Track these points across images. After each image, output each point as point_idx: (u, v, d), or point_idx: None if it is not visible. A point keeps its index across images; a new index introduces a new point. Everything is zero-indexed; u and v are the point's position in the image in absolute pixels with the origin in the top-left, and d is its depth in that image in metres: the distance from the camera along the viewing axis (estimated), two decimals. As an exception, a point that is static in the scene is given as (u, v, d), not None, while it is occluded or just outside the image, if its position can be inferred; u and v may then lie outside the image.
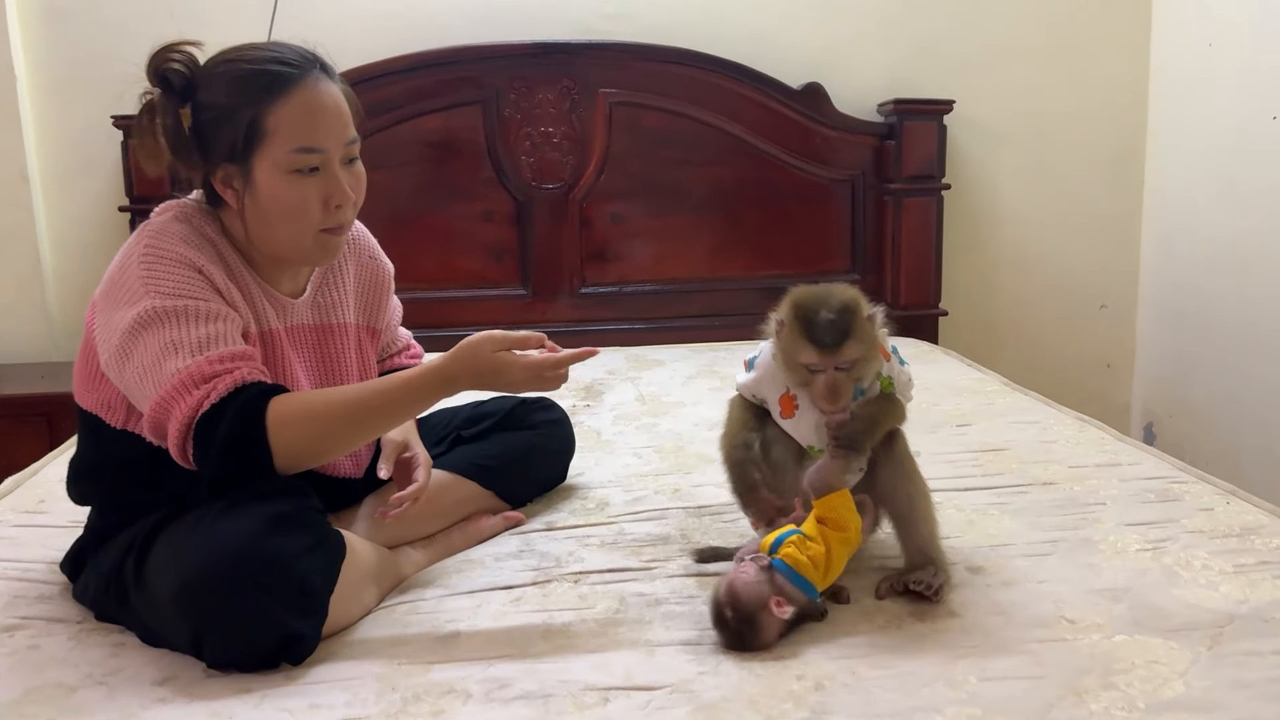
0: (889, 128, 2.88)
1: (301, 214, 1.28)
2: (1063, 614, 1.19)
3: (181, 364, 1.17)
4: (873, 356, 1.23)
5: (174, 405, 1.17)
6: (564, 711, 1.00)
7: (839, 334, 1.19)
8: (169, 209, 1.32)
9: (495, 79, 2.77)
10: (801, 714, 0.99)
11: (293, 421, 1.18)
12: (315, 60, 1.29)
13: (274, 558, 1.10)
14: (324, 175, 1.27)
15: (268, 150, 1.25)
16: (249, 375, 1.20)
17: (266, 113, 1.24)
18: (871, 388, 1.28)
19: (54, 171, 2.75)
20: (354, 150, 1.32)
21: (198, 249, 1.26)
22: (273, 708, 1.02)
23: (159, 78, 1.26)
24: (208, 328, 1.21)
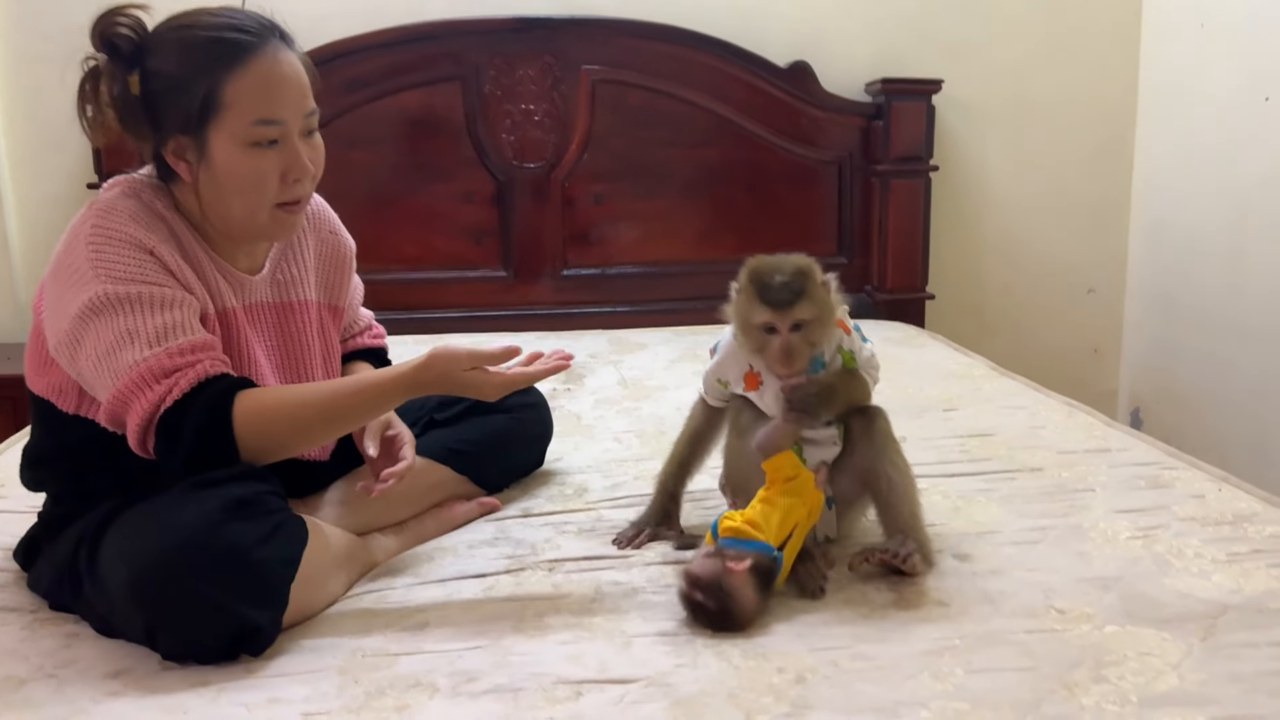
0: (877, 108, 2.83)
1: (258, 188, 1.23)
2: (1052, 604, 1.15)
3: (139, 355, 1.13)
4: (826, 320, 1.24)
5: (134, 399, 1.13)
6: (535, 706, 0.96)
7: (792, 293, 1.21)
8: (118, 184, 1.26)
9: (475, 55, 2.71)
10: (782, 708, 0.95)
11: (260, 419, 1.16)
12: (274, 28, 1.24)
13: (230, 545, 1.05)
14: (283, 148, 1.22)
15: (224, 122, 1.19)
16: (211, 369, 1.16)
17: (224, 83, 1.18)
18: (833, 361, 1.28)
19: (22, 149, 2.68)
20: (313, 122, 1.27)
21: (148, 227, 1.20)
22: (229, 702, 0.98)
23: (105, 43, 1.20)
24: (165, 315, 1.16)
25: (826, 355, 1.27)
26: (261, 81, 1.20)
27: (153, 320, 1.15)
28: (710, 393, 1.37)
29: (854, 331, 1.31)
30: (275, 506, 1.14)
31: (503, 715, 0.94)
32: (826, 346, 1.27)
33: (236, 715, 0.95)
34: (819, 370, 1.27)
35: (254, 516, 1.09)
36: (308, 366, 1.40)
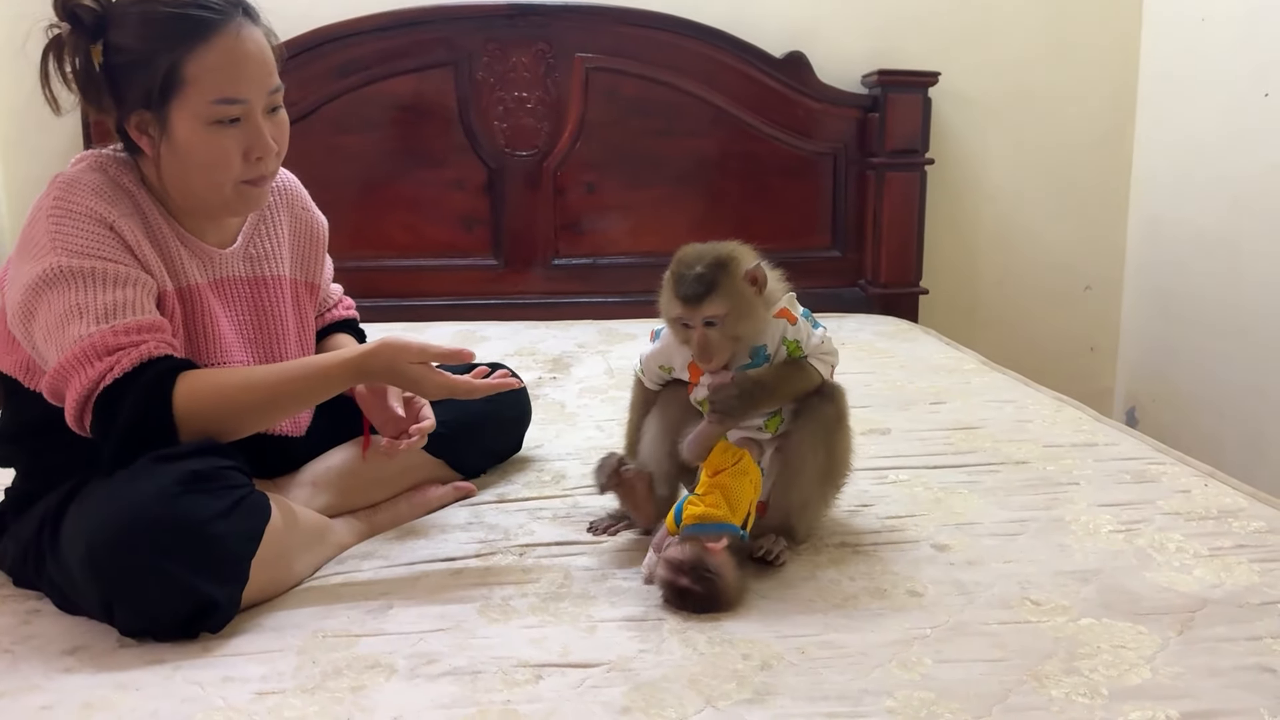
0: (873, 99, 2.80)
1: (221, 166, 1.21)
2: (1028, 595, 1.13)
3: (85, 331, 1.12)
4: (746, 314, 1.19)
5: (73, 374, 1.11)
6: (491, 689, 0.94)
7: (702, 288, 1.18)
8: (85, 159, 1.25)
9: (468, 40, 2.69)
10: (744, 695, 0.93)
11: (202, 401, 1.14)
12: (240, 4, 1.21)
13: (186, 519, 1.03)
14: (245, 126, 1.20)
15: (186, 100, 1.17)
16: (155, 349, 1.14)
17: (185, 60, 1.16)
18: (778, 353, 1.24)
19: (11, 131, 2.66)
20: (277, 99, 1.25)
21: (111, 202, 1.19)
22: (184, 679, 0.96)
23: (67, 12, 1.18)
24: (116, 293, 1.15)
25: (770, 347, 1.24)
26: (224, 59, 1.18)
27: (104, 296, 1.14)
28: (649, 376, 1.34)
29: (802, 319, 1.27)
30: (237, 482, 1.12)
31: (459, 697, 0.92)
32: (769, 338, 1.23)
33: (190, 693, 0.93)
34: (761, 363, 1.24)
35: (213, 491, 1.08)
36: (281, 342, 1.38)
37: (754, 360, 1.24)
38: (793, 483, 1.25)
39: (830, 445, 1.26)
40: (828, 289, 2.86)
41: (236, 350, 1.32)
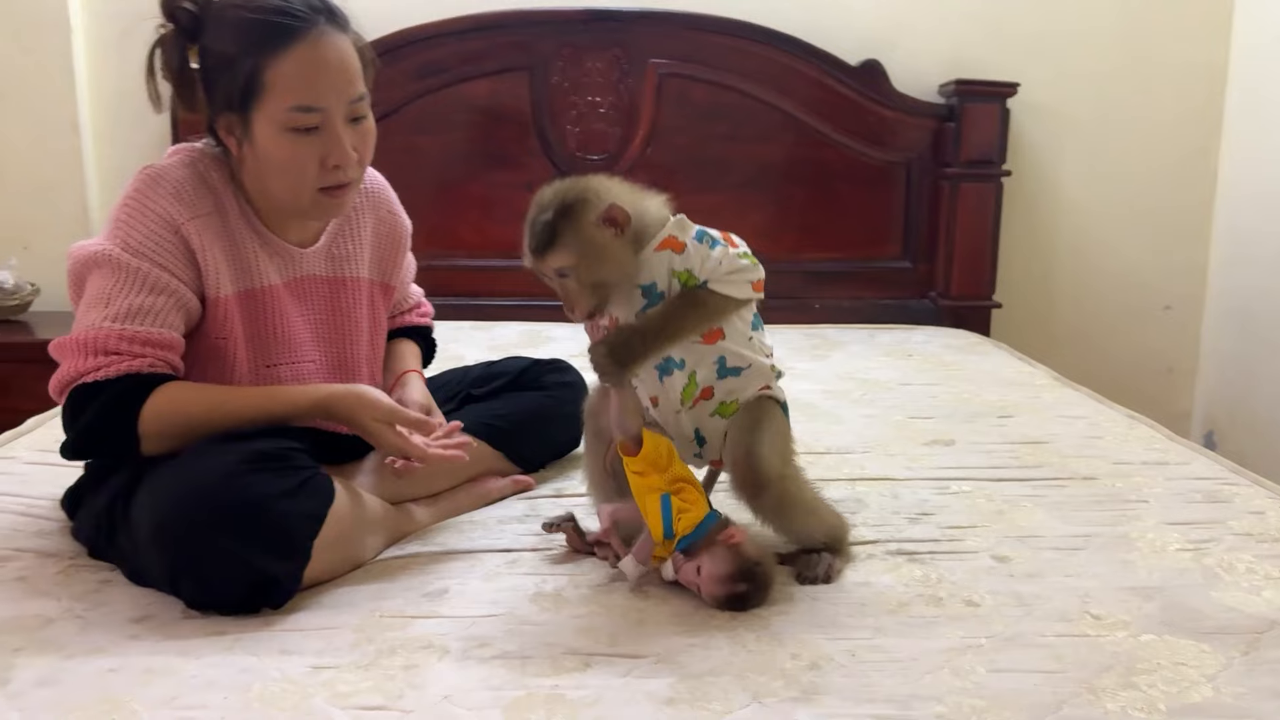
0: (949, 109, 2.77)
1: (297, 172, 1.24)
2: (1088, 609, 1.10)
3: (100, 321, 1.18)
4: (600, 260, 1.11)
5: (70, 356, 1.18)
6: (541, 673, 0.95)
7: (543, 240, 1.12)
8: (178, 151, 1.30)
9: (544, 45, 2.72)
10: (791, 693, 0.93)
11: (164, 420, 1.18)
12: (324, 10, 1.23)
13: (251, 498, 1.06)
14: (323, 134, 1.23)
15: (265, 105, 1.21)
16: (147, 366, 1.18)
17: (266, 66, 1.19)
18: (671, 288, 1.14)
19: (103, 122, 2.77)
20: (360, 108, 1.26)
21: (189, 202, 1.23)
22: (243, 651, 0.99)
23: (169, 13, 1.23)
24: (146, 298, 1.20)
25: (662, 284, 1.14)
26: (302, 66, 1.20)
27: (133, 297, 1.19)
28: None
29: (693, 243, 1.15)
30: (302, 463, 1.15)
31: (508, 680, 0.94)
32: (657, 275, 1.14)
33: (248, 664, 0.96)
34: (659, 298, 1.14)
35: (279, 471, 1.11)
36: (353, 342, 1.42)
37: (647, 298, 1.14)
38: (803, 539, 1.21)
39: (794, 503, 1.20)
40: (896, 300, 2.84)
41: (309, 349, 1.36)
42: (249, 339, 1.31)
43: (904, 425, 1.83)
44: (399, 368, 1.48)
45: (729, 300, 1.15)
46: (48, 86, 2.68)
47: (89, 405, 1.17)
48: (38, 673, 0.94)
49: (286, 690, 0.91)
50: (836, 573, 1.19)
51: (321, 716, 0.87)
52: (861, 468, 1.58)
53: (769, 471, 1.19)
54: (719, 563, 1.10)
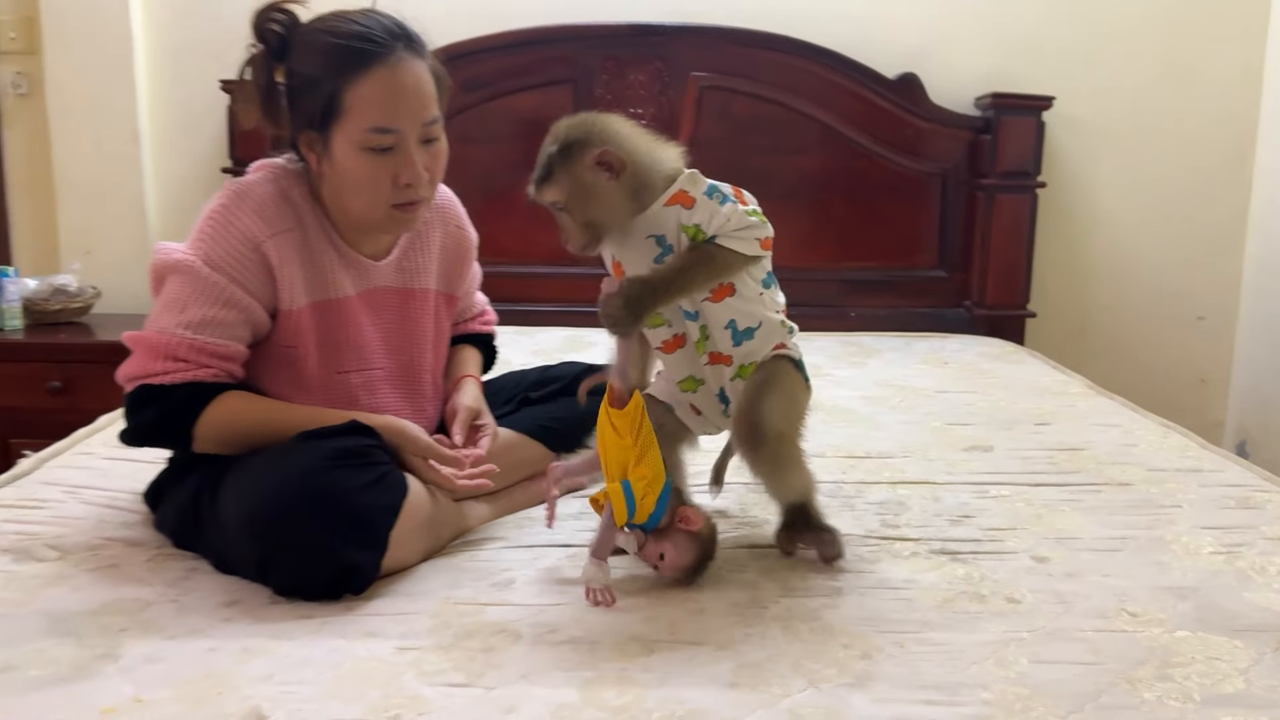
0: (985, 122, 2.82)
1: (372, 189, 1.31)
2: (1125, 607, 1.16)
3: (171, 326, 1.27)
4: (590, 200, 1.16)
5: (140, 353, 1.27)
6: (609, 658, 1.01)
7: (541, 174, 1.17)
8: (263, 168, 1.38)
9: (588, 59, 2.80)
10: (845, 679, 0.98)
11: (217, 428, 1.28)
12: (402, 36, 1.30)
13: (335, 491, 1.14)
14: (398, 154, 1.30)
15: (344, 125, 1.28)
16: (208, 376, 1.28)
17: (345, 89, 1.27)
18: (679, 242, 1.19)
19: (163, 132, 2.87)
20: (433, 131, 1.33)
21: (271, 218, 1.31)
22: (331, 633, 1.06)
23: (259, 34, 1.31)
24: (218, 311, 1.28)
25: (671, 237, 1.18)
26: (379, 90, 1.27)
27: (206, 309, 1.28)
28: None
29: (703, 199, 1.19)
30: (381, 459, 1.23)
31: (579, 662, 1.00)
32: (665, 228, 1.18)
33: (336, 645, 1.03)
34: (670, 249, 1.18)
35: (359, 466, 1.18)
36: (419, 349, 1.50)
37: (661, 248, 1.19)
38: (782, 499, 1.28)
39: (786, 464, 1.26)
40: (931, 309, 2.88)
41: (378, 357, 1.44)
42: (321, 346, 1.38)
43: (942, 431, 1.88)
44: (457, 373, 1.56)
45: (737, 256, 1.19)
46: (110, 98, 2.79)
47: (152, 405, 1.27)
48: (144, 651, 1.02)
49: (376, 668, 0.98)
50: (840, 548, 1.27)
51: (411, 692, 0.94)
52: (902, 471, 1.64)
53: (769, 429, 1.23)
54: (682, 553, 1.19)
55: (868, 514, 1.45)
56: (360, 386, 1.43)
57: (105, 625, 1.08)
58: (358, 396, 1.42)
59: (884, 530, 1.39)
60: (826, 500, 1.49)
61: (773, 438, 1.24)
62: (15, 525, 1.36)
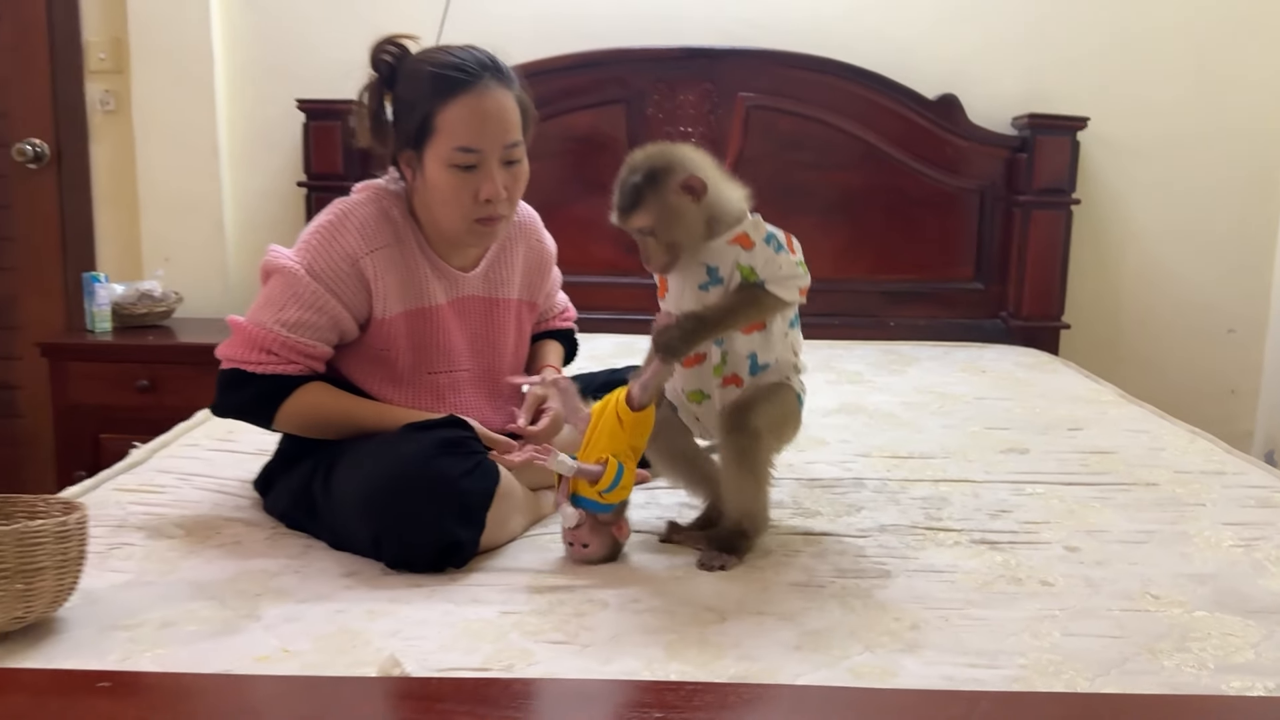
0: (1022, 141, 2.93)
1: (456, 203, 1.47)
2: (1148, 590, 1.28)
3: (268, 321, 1.43)
4: (676, 223, 1.27)
5: (239, 339, 1.44)
6: (687, 623, 1.15)
7: (631, 201, 1.28)
8: (367, 189, 1.54)
9: (641, 80, 2.94)
10: (897, 646, 1.11)
11: (298, 415, 1.46)
12: (491, 68, 1.46)
13: (441, 474, 1.29)
14: (480, 172, 1.45)
15: (435, 144, 1.44)
16: (294, 370, 1.44)
17: (437, 111, 1.43)
18: (731, 277, 1.30)
19: (240, 148, 3.04)
20: (515, 153, 1.47)
21: (371, 236, 1.47)
22: (441, 599, 1.20)
23: (373, 64, 1.47)
24: (310, 315, 1.44)
25: (724, 270, 1.29)
26: (467, 114, 1.43)
27: (300, 311, 1.44)
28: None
29: (762, 244, 1.29)
30: (477, 449, 1.37)
31: (660, 626, 1.14)
32: (721, 261, 1.29)
33: (447, 609, 1.17)
34: (719, 282, 1.30)
35: (460, 454, 1.33)
36: (500, 353, 1.64)
37: (710, 279, 1.30)
38: (734, 502, 1.35)
39: (753, 464, 1.34)
40: (969, 320, 3.00)
41: (463, 360, 1.59)
42: (413, 349, 1.53)
43: (981, 435, 2.00)
44: (540, 363, 1.71)
45: (779, 301, 1.32)
46: (191, 115, 2.97)
47: (242, 387, 1.44)
48: (281, 612, 1.16)
49: (485, 628, 1.12)
50: (732, 565, 1.32)
51: (519, 647, 1.08)
52: (943, 471, 1.76)
53: (753, 422, 1.33)
54: (599, 550, 1.32)
55: (912, 507, 1.58)
56: (446, 386, 1.57)
57: (241, 591, 1.23)
58: (444, 395, 1.57)
59: (928, 522, 1.51)
60: (872, 496, 1.63)
61: (751, 431, 1.34)
62: (142, 507, 1.52)
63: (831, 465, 1.79)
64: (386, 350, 1.52)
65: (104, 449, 2.69)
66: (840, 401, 2.23)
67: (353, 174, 2.89)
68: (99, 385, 2.70)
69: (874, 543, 1.43)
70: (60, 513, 1.16)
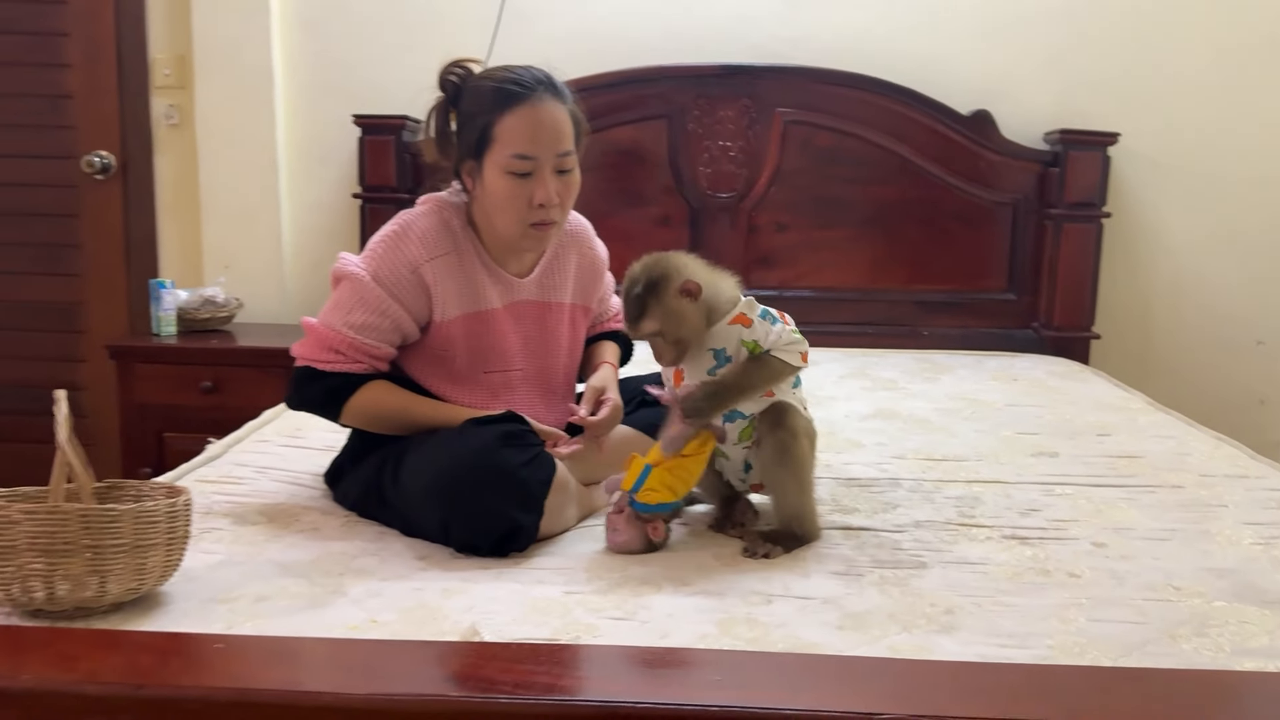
0: (1054, 155, 3.01)
1: (512, 207, 1.57)
2: (1170, 582, 1.35)
3: (337, 323, 1.55)
4: (680, 323, 1.43)
5: (311, 340, 1.57)
6: (735, 605, 1.24)
7: (636, 312, 1.44)
8: (428, 201, 1.65)
9: (682, 96, 3.05)
10: (933, 628, 1.20)
11: (362, 411, 1.57)
12: (546, 83, 1.57)
13: (503, 465, 1.39)
14: (535, 179, 1.56)
15: (493, 152, 1.55)
16: (359, 369, 1.57)
17: (496, 121, 1.54)
18: (738, 353, 1.46)
19: (298, 161, 3.18)
20: (567, 162, 1.58)
21: (431, 244, 1.58)
22: (508, 579, 1.31)
23: (441, 85, 1.58)
24: (374, 318, 1.56)
25: (730, 349, 1.46)
26: (523, 124, 1.54)
27: (366, 315, 1.56)
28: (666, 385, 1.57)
29: (758, 320, 1.47)
30: (534, 441, 1.49)
31: (712, 607, 1.23)
32: (727, 342, 1.45)
33: (514, 588, 1.28)
34: (723, 364, 1.46)
35: (520, 446, 1.44)
36: (554, 355, 1.75)
37: (717, 361, 1.47)
38: (780, 503, 1.47)
39: (789, 457, 1.47)
40: (1001, 329, 3.07)
41: (518, 360, 1.69)
42: (470, 350, 1.64)
43: (1012, 440, 2.08)
44: (597, 361, 1.82)
45: (786, 366, 1.47)
46: (252, 129, 3.11)
47: (313, 384, 1.57)
48: (364, 588, 1.27)
49: (551, 604, 1.22)
50: (775, 554, 1.42)
51: (584, 622, 1.17)
52: (976, 472, 1.85)
53: (793, 422, 1.48)
54: (628, 538, 1.41)
55: (946, 505, 1.66)
56: (501, 384, 1.68)
57: (326, 570, 1.34)
58: (498, 393, 1.67)
59: (960, 519, 1.60)
60: (907, 495, 1.72)
61: (789, 427, 1.48)
62: (225, 497, 1.63)
63: (868, 466, 1.88)
64: (445, 351, 1.63)
65: (167, 447, 2.83)
66: (875, 407, 2.31)
67: (405, 186, 3.02)
68: (164, 386, 2.83)
69: (909, 537, 1.51)
70: (164, 496, 1.27)
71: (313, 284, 3.18)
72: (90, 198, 3.23)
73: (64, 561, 1.10)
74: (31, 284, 3.27)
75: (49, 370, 3.28)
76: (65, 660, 0.99)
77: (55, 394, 1.18)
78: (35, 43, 3.17)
